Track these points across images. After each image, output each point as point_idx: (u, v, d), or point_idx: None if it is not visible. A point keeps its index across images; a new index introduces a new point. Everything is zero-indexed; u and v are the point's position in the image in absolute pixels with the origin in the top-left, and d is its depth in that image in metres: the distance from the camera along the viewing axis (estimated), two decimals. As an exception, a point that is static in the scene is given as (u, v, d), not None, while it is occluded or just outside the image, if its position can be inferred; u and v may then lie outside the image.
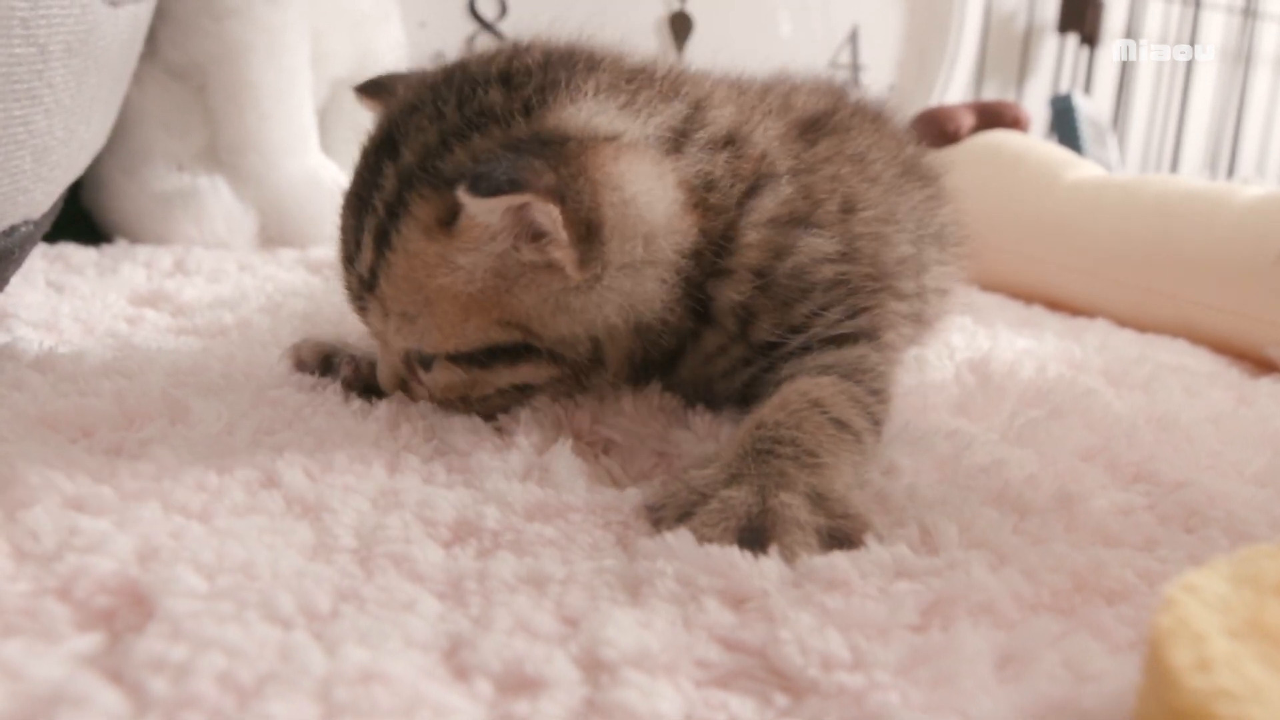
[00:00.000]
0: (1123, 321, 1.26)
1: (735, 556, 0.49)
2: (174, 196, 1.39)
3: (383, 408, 0.69)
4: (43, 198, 0.80)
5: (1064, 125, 2.08)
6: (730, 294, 0.68)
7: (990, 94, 2.41)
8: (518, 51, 0.68)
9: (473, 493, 0.56)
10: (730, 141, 0.69)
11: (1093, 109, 2.15)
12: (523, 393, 0.69)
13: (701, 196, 0.66)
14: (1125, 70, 2.51)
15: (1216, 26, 2.66)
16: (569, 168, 0.59)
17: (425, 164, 0.63)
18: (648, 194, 0.62)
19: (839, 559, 0.49)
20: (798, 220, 0.70)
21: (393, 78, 0.75)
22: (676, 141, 0.66)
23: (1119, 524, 0.57)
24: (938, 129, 1.60)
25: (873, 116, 0.89)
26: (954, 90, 2.20)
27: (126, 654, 0.39)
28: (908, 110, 1.96)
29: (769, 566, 0.49)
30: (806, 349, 0.69)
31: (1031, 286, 1.42)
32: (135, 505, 0.51)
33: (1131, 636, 0.46)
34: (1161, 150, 2.64)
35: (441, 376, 0.67)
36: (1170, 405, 0.83)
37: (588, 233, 0.60)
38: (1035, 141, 1.56)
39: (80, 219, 1.43)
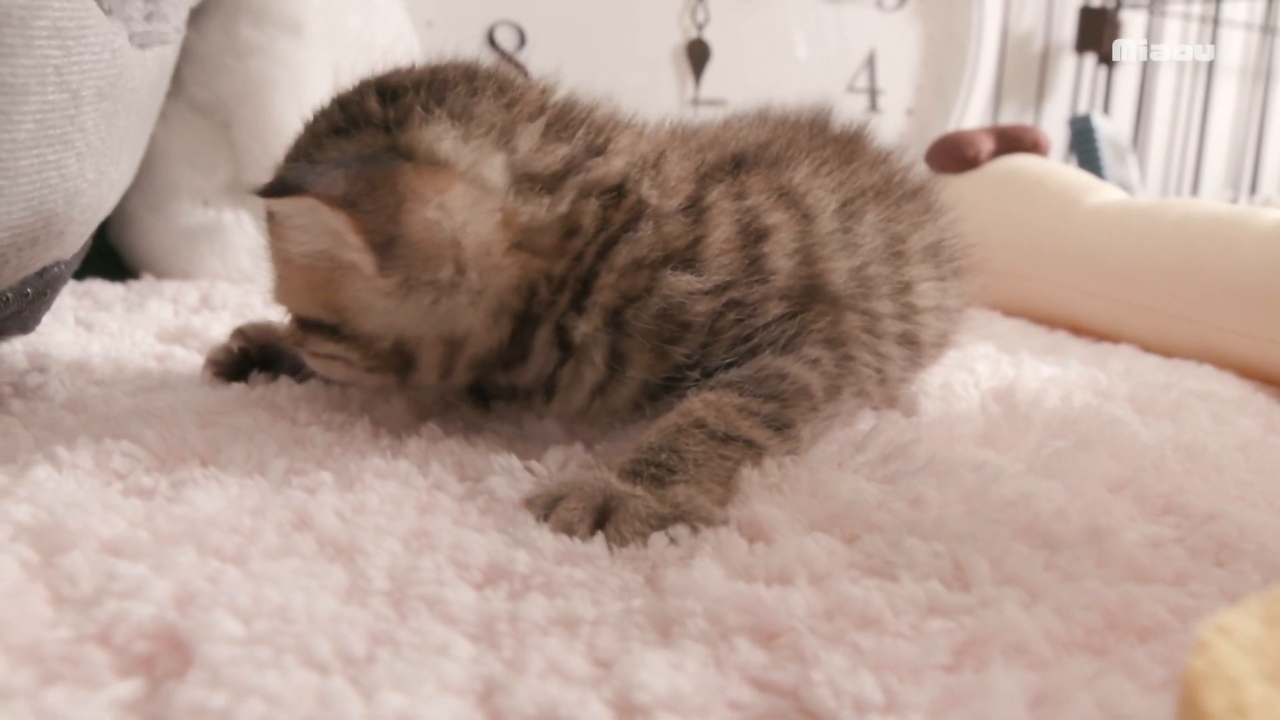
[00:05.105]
0: (1147, 347, 1.26)
1: (761, 592, 0.49)
2: (199, 232, 1.41)
3: (413, 445, 0.69)
4: (74, 239, 0.81)
5: (1083, 146, 2.08)
6: (583, 328, 0.71)
7: (1008, 116, 2.40)
8: (417, 72, 0.75)
9: (504, 536, 0.56)
10: (615, 189, 0.73)
11: (1112, 129, 2.15)
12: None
13: (553, 242, 0.71)
14: (1144, 89, 2.50)
15: (1235, 44, 2.65)
16: (383, 181, 0.65)
17: (303, 151, 0.72)
18: (460, 223, 0.67)
19: (873, 594, 0.50)
20: (667, 259, 0.72)
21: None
22: (547, 182, 0.71)
23: (1150, 558, 0.57)
24: (957, 154, 1.60)
25: (846, 141, 0.90)
26: (972, 112, 2.20)
27: (167, 701, 0.40)
28: (926, 134, 1.97)
29: (796, 601, 0.49)
30: (709, 373, 0.71)
31: (1054, 312, 1.42)
32: (171, 549, 0.51)
33: (1165, 675, 0.46)
34: (1182, 169, 2.63)
35: (288, 328, 0.76)
36: (1198, 433, 0.83)
37: (387, 242, 0.65)
38: (1055, 166, 1.56)
39: (107, 254, 1.45)
